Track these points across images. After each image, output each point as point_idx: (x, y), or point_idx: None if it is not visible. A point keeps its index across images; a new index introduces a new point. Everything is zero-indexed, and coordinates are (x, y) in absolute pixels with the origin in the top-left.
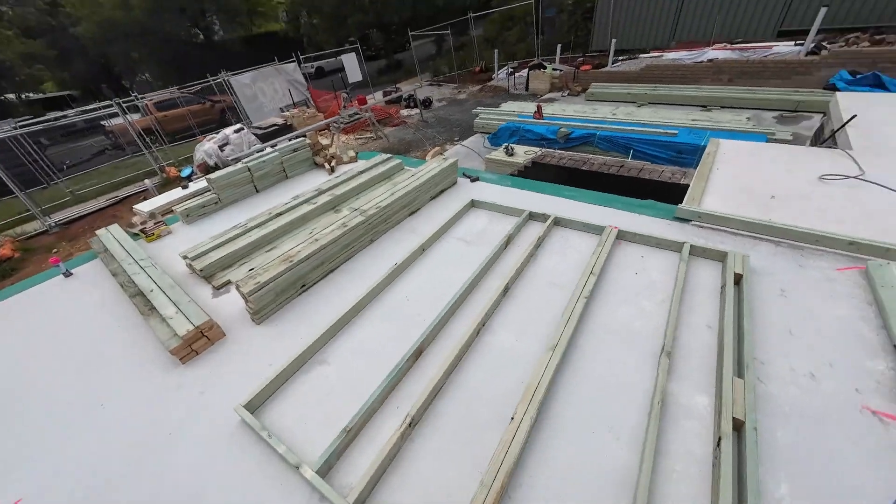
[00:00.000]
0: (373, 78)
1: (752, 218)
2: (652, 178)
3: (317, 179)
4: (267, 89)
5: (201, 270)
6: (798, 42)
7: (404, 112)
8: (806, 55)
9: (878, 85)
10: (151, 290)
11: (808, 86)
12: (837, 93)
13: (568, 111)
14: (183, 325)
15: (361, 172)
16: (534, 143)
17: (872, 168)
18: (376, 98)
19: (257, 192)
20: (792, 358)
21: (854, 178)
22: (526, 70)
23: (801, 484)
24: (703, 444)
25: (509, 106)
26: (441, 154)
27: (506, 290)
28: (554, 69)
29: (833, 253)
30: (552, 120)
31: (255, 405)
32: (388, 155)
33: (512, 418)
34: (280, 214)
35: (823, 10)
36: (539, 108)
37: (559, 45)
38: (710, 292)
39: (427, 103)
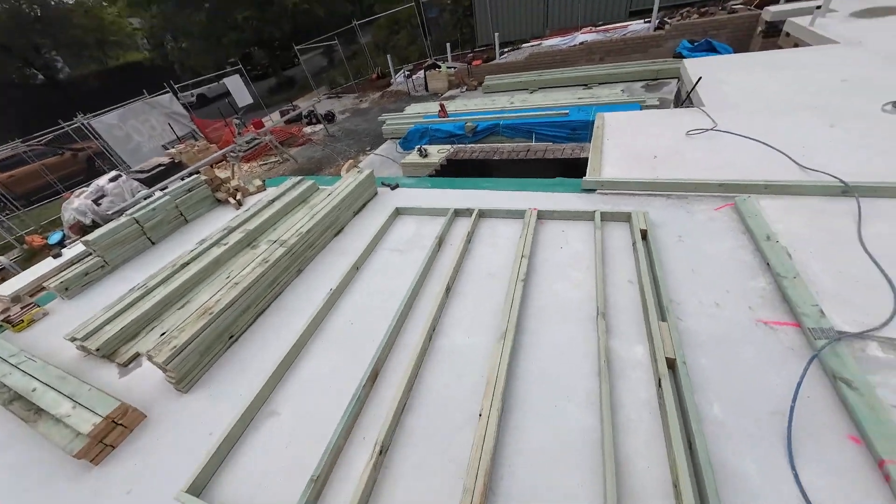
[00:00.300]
0: (265, 98)
1: (643, 178)
2: (556, 156)
3: (223, 217)
4: (142, 127)
5: (97, 350)
6: (646, 20)
7: (308, 130)
8: (654, 30)
9: (711, 49)
10: (34, 390)
11: (662, 56)
12: (684, 60)
13: (470, 106)
14: (86, 421)
15: (273, 201)
16: (444, 140)
17: (722, 119)
18: (273, 119)
19: (153, 244)
20: (699, 293)
21: (711, 129)
22: (422, 71)
23: (727, 399)
24: (647, 388)
25: (413, 108)
26: (356, 166)
27: (448, 290)
28: (448, 67)
29: (709, 196)
30: (457, 116)
31: (200, 486)
32: (300, 177)
33: (480, 414)
34: (187, 264)
35: None
36: (442, 106)
37: (448, 44)
38: (625, 250)
39: (330, 117)
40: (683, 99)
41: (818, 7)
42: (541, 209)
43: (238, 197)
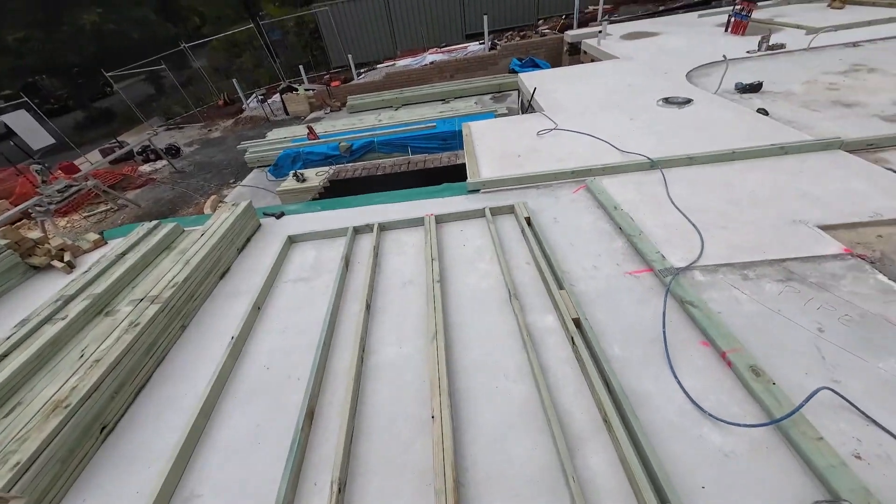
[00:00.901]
0: (73, 137)
1: (515, 174)
2: (435, 165)
3: (48, 287)
4: None
5: None
6: (480, 42)
7: (146, 168)
8: (489, 51)
9: (535, 65)
10: None
11: (499, 72)
12: (519, 74)
13: (338, 126)
14: None
15: (124, 254)
16: (319, 163)
17: (559, 120)
18: (91, 161)
19: None
20: (580, 261)
21: (554, 129)
22: (277, 95)
23: (620, 339)
24: (564, 348)
25: (277, 133)
26: (220, 201)
27: (367, 307)
28: (306, 89)
29: (567, 182)
30: (328, 137)
31: None
32: (155, 222)
33: (433, 417)
34: (4, 357)
35: (486, 17)
36: (311, 129)
37: (301, 66)
38: (516, 238)
39: (174, 151)
40: (527, 106)
41: (600, 32)
42: (437, 214)
43: (67, 258)
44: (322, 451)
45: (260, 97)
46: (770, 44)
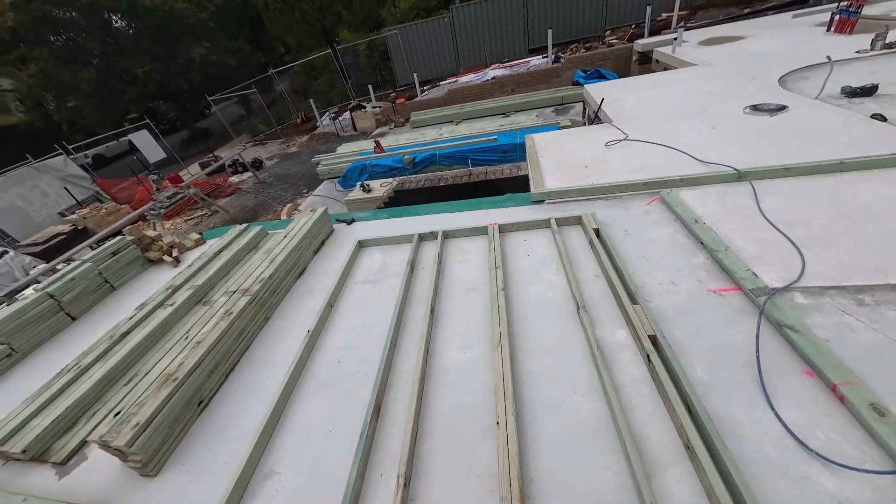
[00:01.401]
0: (178, 152)
1: (582, 185)
2: (497, 177)
3: (159, 278)
4: (30, 195)
5: (24, 452)
6: (544, 55)
7: (235, 179)
8: (552, 64)
9: (601, 76)
10: None
11: (562, 84)
12: (585, 86)
13: (401, 140)
14: None
15: (219, 252)
16: (384, 175)
17: (629, 130)
18: (193, 172)
19: (74, 319)
20: (655, 275)
21: (625, 139)
22: (348, 112)
23: (704, 361)
24: (638, 365)
25: (345, 148)
26: (295, 209)
27: (432, 311)
28: (373, 107)
29: (639, 194)
30: (393, 151)
31: None
32: (245, 224)
33: (497, 423)
34: (127, 334)
35: (550, 31)
36: (377, 143)
37: (370, 86)
38: (583, 249)
39: (258, 164)
40: (594, 118)
41: (675, 38)
42: (500, 223)
43: (175, 254)
44: (388, 446)
45: (332, 115)
46: (887, 41)
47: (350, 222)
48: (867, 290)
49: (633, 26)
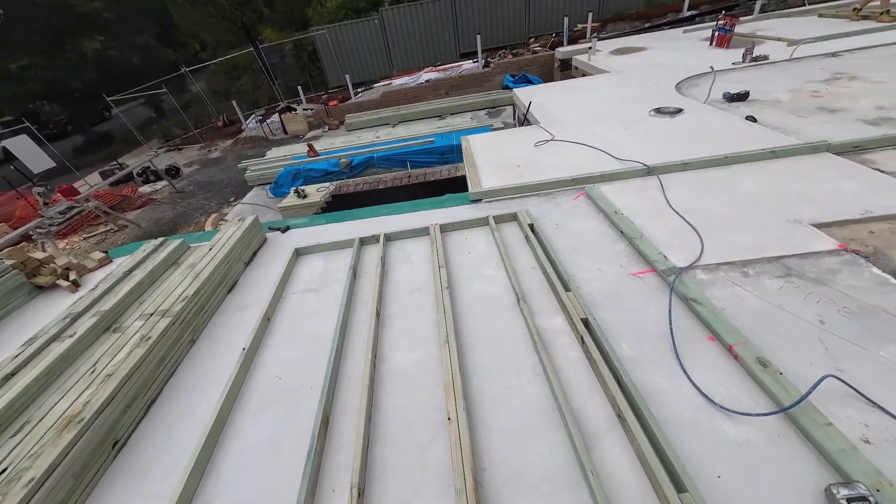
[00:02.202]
0: (72, 160)
1: (516, 183)
2: (436, 178)
3: (53, 306)
4: None
5: None
6: (474, 60)
7: (146, 189)
8: (483, 68)
9: (528, 81)
10: None
11: (493, 88)
12: (514, 90)
13: (336, 143)
14: None
15: (130, 271)
16: (320, 179)
17: (555, 131)
18: (91, 183)
19: None
20: (584, 264)
21: (552, 139)
22: (276, 115)
23: (629, 338)
24: (575, 348)
25: (277, 152)
26: (221, 219)
27: (377, 315)
28: (305, 109)
29: (567, 190)
30: (328, 154)
31: None
32: (161, 238)
33: (449, 419)
34: (13, 375)
35: (479, 37)
36: (311, 146)
37: (300, 87)
38: (521, 244)
39: (174, 172)
40: (523, 120)
41: (590, 48)
42: (441, 223)
43: (73, 277)
44: (339, 458)
45: (259, 117)
46: (754, 55)
47: (285, 230)
48: (750, 264)
49: (553, 35)
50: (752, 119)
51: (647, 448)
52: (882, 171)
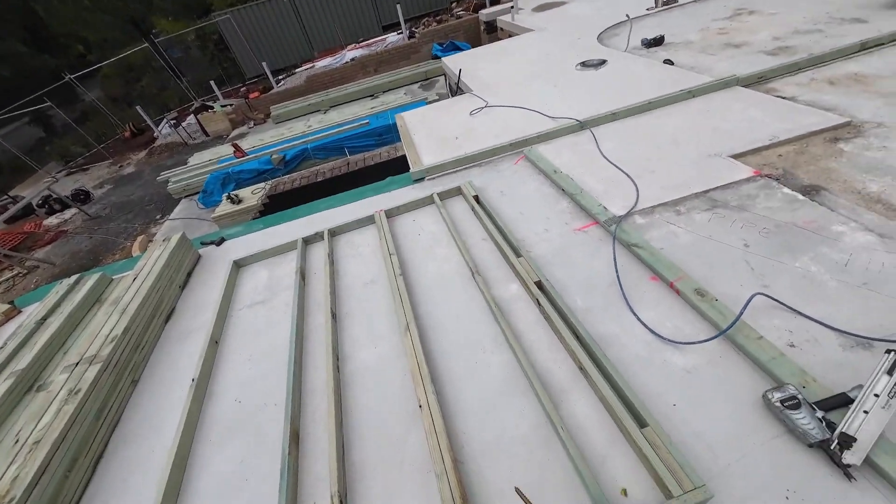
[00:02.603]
0: None
1: (456, 156)
2: (377, 161)
3: None
4: None
5: None
6: (398, 32)
7: (53, 220)
8: (408, 39)
9: (456, 48)
10: None
11: (422, 59)
12: (442, 59)
13: (266, 139)
14: None
15: (45, 319)
16: (253, 180)
17: (488, 97)
18: None
19: None
20: (531, 227)
21: (486, 106)
22: (192, 116)
23: (581, 291)
24: (531, 311)
25: (199, 157)
26: (149, 240)
27: (333, 316)
28: (223, 106)
29: (507, 155)
30: (257, 152)
31: None
32: (76, 275)
33: (420, 406)
34: None
35: (399, 6)
36: (237, 146)
37: (212, 82)
38: (468, 217)
39: (83, 196)
40: (455, 89)
41: (512, 7)
42: (386, 209)
43: None
44: (315, 470)
45: (172, 121)
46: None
47: (219, 243)
48: (681, 202)
49: None
50: (669, 62)
51: (608, 393)
52: (783, 98)
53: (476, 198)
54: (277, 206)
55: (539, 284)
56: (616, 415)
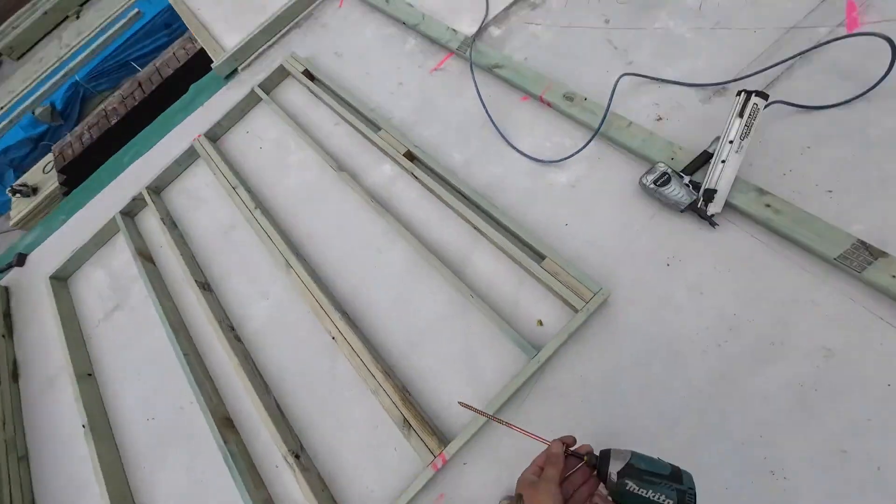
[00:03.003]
0: None
1: (262, 20)
2: (174, 67)
3: None
4: None
5: None
6: None
7: None
8: None
9: None
10: None
11: None
12: None
13: (16, 88)
14: None
15: None
16: (31, 155)
17: None
18: None
19: None
20: (384, 86)
21: None
22: None
23: (455, 144)
24: (413, 186)
25: None
26: None
27: (202, 285)
28: None
29: (324, 4)
30: (8, 113)
31: None
32: None
33: (333, 338)
34: None
35: None
36: None
37: None
38: (308, 102)
39: None
40: None
41: None
42: (205, 132)
43: None
44: (262, 440)
45: None
46: None
47: (20, 262)
48: None
49: None
50: None
51: (504, 241)
52: None
53: (307, 73)
54: (80, 175)
55: (409, 155)
56: (516, 259)
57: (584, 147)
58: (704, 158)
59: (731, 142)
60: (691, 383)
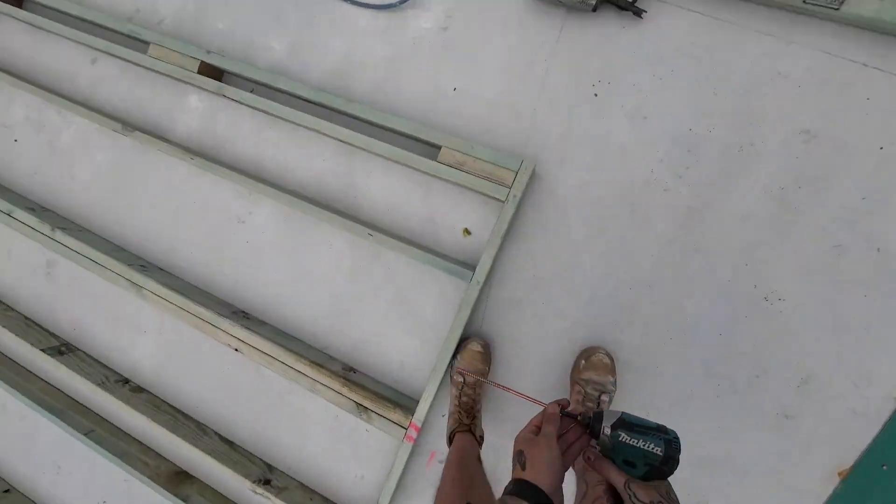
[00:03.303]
0: None
1: None
2: None
3: None
4: None
5: None
6: None
7: None
8: None
9: None
10: None
11: None
12: None
13: None
14: None
15: None
16: None
17: None
18: None
19: None
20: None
21: None
22: None
23: (291, 66)
24: (253, 123)
25: None
26: None
27: (60, 350)
28: None
29: None
30: None
31: None
32: None
33: (237, 350)
34: None
35: None
36: None
37: None
38: (24, 34)
39: None
40: None
41: None
42: None
43: None
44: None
45: None
46: None
47: None
48: None
49: None
50: None
51: (385, 148)
52: None
53: None
54: None
55: (209, 70)
56: (409, 164)
57: None
58: None
59: None
60: (659, 234)
